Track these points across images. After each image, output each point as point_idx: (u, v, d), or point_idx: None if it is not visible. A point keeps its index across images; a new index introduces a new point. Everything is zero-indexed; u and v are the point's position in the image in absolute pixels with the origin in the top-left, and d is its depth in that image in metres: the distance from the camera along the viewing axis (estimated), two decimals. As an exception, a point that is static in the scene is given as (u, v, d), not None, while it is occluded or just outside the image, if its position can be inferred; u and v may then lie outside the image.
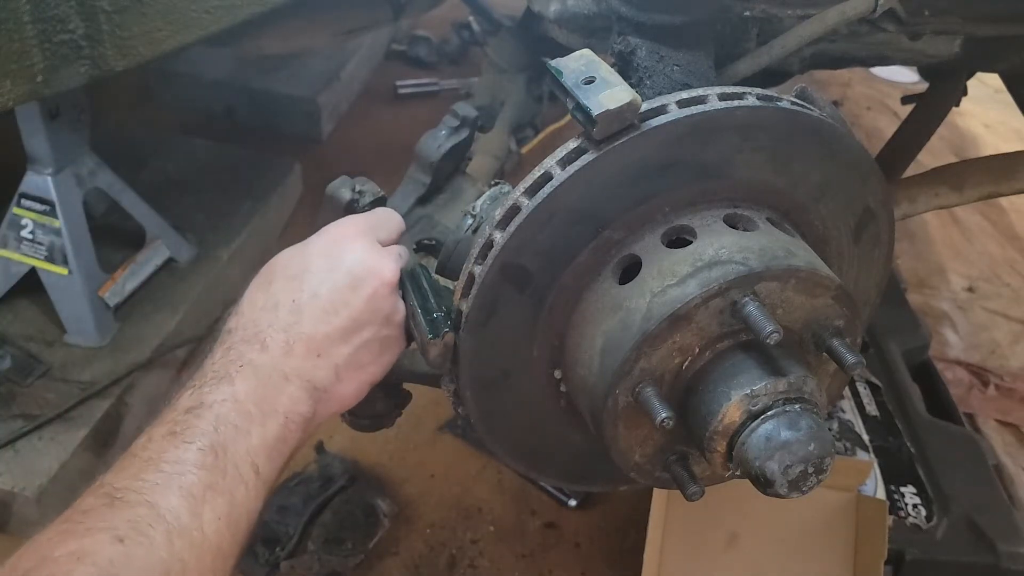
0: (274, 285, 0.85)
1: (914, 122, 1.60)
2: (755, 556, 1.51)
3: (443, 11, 2.07)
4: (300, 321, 0.82)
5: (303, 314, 0.83)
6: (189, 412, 0.75)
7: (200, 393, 0.77)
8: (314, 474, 1.76)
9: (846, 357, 0.79)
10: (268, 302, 0.84)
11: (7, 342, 1.87)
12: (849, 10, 1.00)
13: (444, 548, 1.69)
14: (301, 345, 0.82)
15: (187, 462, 0.71)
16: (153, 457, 0.72)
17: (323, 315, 0.83)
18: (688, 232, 0.83)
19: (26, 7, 1.04)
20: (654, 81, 1.05)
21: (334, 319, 0.83)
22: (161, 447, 0.72)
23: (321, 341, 0.82)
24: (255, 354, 0.80)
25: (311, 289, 0.84)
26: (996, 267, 2.66)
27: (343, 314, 0.83)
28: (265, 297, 0.84)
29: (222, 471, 0.73)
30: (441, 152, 1.08)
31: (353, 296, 0.84)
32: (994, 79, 1.65)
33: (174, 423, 0.74)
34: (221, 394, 0.77)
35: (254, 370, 0.79)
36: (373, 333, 0.85)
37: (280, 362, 0.80)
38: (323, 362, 0.83)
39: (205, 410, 0.75)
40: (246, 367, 0.79)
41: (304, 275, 0.85)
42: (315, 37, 1.85)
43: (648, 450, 0.84)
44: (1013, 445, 2.02)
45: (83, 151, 1.87)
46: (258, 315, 0.83)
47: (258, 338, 0.81)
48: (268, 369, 0.80)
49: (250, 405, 0.77)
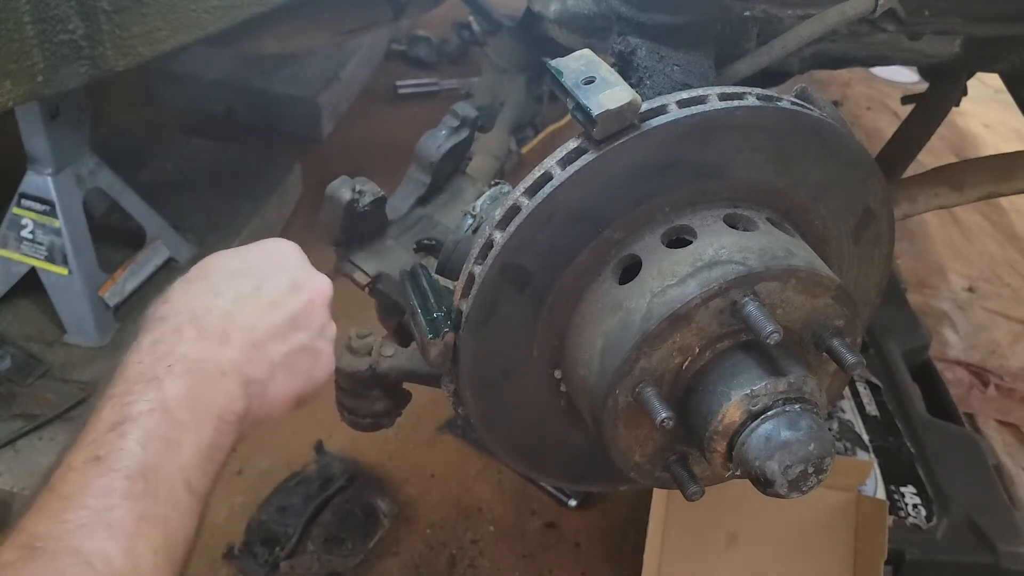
0: (213, 277, 0.81)
1: (914, 122, 1.60)
2: (755, 556, 1.51)
3: (443, 11, 2.07)
4: (241, 311, 0.79)
5: (245, 304, 0.79)
6: (113, 430, 0.67)
7: (124, 404, 0.69)
8: (314, 474, 1.76)
9: (846, 357, 0.79)
10: (207, 290, 0.80)
11: (7, 342, 1.87)
12: (849, 10, 1.00)
13: (444, 548, 1.69)
14: (240, 335, 0.77)
15: (114, 493, 0.64)
16: (74, 492, 0.64)
17: (264, 308, 0.80)
18: (688, 232, 0.83)
19: (26, 7, 1.04)
20: (654, 81, 1.05)
21: (274, 314, 0.80)
22: (83, 479, 0.65)
23: (260, 333, 0.79)
24: (188, 345, 0.74)
25: (253, 284, 0.81)
26: (996, 267, 2.66)
27: (283, 311, 0.81)
28: (204, 286, 0.80)
29: (154, 497, 0.66)
30: (441, 152, 1.08)
31: (293, 298, 0.82)
32: (994, 79, 1.65)
33: (96, 445, 0.67)
34: (148, 403, 0.69)
35: (186, 367, 0.73)
36: (308, 339, 0.82)
37: (216, 353, 0.75)
38: (260, 356, 0.78)
39: (130, 426, 0.68)
40: (177, 364, 0.72)
41: (246, 272, 0.82)
42: (315, 37, 1.85)
43: (648, 450, 0.84)
44: (1013, 445, 2.02)
45: (83, 151, 1.87)
46: (194, 301, 0.78)
47: (194, 324, 0.76)
48: (202, 363, 0.74)
49: (181, 412, 0.70)
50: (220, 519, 1.69)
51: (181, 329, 0.75)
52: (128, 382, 0.71)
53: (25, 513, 0.64)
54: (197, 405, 0.72)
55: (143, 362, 0.73)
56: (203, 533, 1.78)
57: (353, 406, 1.01)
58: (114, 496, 0.64)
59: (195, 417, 0.71)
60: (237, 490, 1.74)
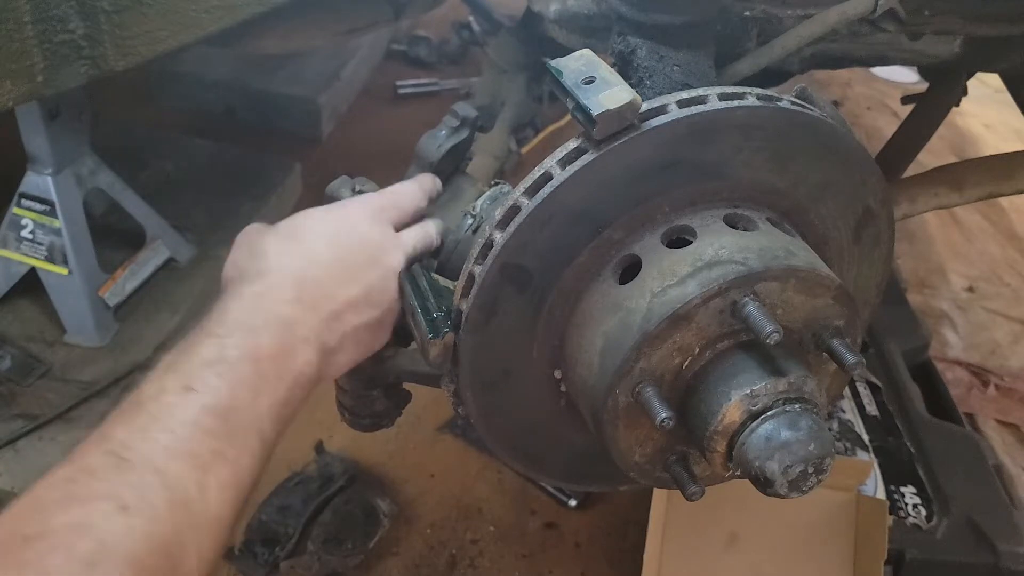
0: (307, 240, 0.86)
1: (914, 122, 1.60)
2: (755, 556, 1.51)
3: (443, 11, 2.07)
4: (328, 280, 0.84)
5: (331, 273, 0.84)
6: (208, 367, 0.73)
7: (223, 345, 0.75)
8: (314, 474, 1.76)
9: (846, 357, 0.79)
10: (301, 254, 0.85)
11: (7, 342, 1.87)
12: (849, 10, 1.00)
13: (444, 548, 1.69)
14: (325, 304, 0.82)
15: (198, 426, 0.69)
16: (164, 414, 0.69)
17: (346, 280, 0.85)
18: (688, 232, 0.83)
19: (26, 7, 1.04)
20: (654, 81, 1.05)
21: (353, 288, 0.85)
22: (174, 403, 0.70)
23: (340, 305, 0.84)
24: (284, 307, 0.80)
25: (336, 254, 0.86)
26: (996, 267, 2.66)
27: (361, 285, 0.86)
28: (299, 249, 0.85)
29: (231, 438, 0.71)
30: (441, 152, 1.08)
31: (370, 273, 0.87)
32: (994, 79, 1.64)
33: (190, 377, 0.72)
34: (244, 350, 0.75)
35: (280, 326, 0.78)
36: (378, 314, 0.87)
37: (304, 318, 0.80)
38: (336, 326, 0.83)
39: (225, 368, 0.73)
40: (272, 321, 0.78)
41: (334, 238, 0.87)
42: (315, 37, 1.85)
43: (648, 450, 0.84)
44: (1013, 445, 2.02)
45: (83, 151, 1.87)
46: (292, 263, 0.83)
47: (292, 287, 0.81)
48: (292, 326, 0.79)
49: (267, 365, 0.76)
50: (220, 519, 1.69)
51: (282, 288, 0.81)
52: (227, 326, 0.77)
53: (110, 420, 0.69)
54: (281, 363, 0.77)
55: (244, 311, 0.79)
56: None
57: (353, 406, 1.01)
58: (198, 429, 0.69)
59: (277, 373, 0.77)
60: (237, 490, 1.74)
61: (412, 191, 0.97)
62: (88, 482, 0.64)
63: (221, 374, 0.73)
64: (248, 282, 0.82)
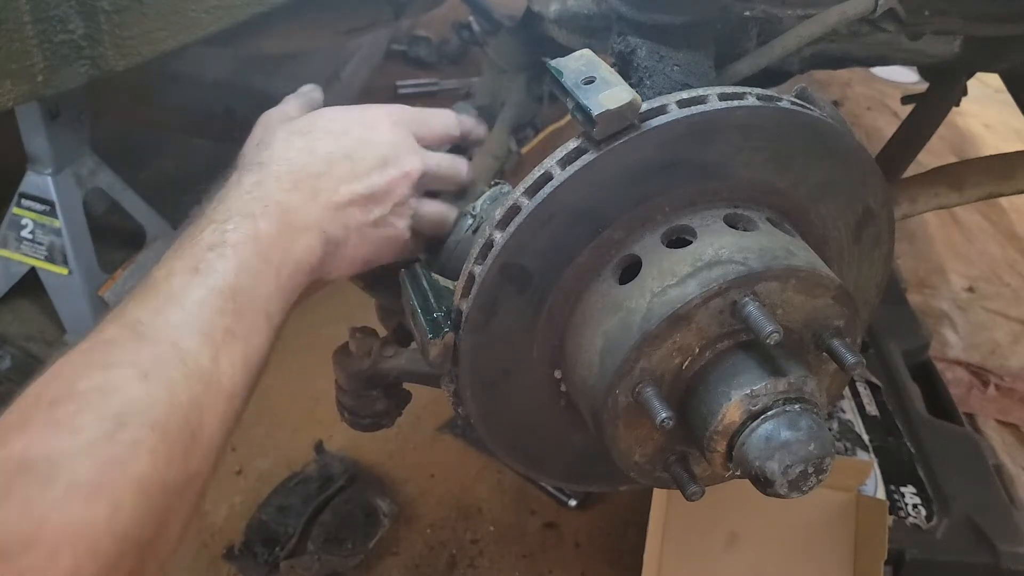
0: (313, 135, 0.88)
1: (914, 122, 1.60)
2: (755, 556, 1.51)
3: (443, 11, 2.07)
4: (330, 173, 0.85)
5: (333, 168, 0.86)
6: (212, 250, 0.75)
7: (224, 231, 0.77)
8: (314, 474, 1.76)
9: (846, 357, 0.79)
10: (305, 147, 0.86)
11: (7, 342, 1.87)
12: (849, 10, 1.00)
13: (444, 548, 1.69)
14: (326, 195, 0.84)
15: (208, 305, 0.72)
16: (176, 294, 0.72)
17: (350, 176, 0.86)
18: (688, 232, 0.83)
19: (26, 7, 1.04)
20: (654, 81, 1.05)
21: (357, 185, 0.87)
22: (183, 284, 0.73)
23: (342, 198, 0.86)
24: (283, 195, 0.82)
25: (345, 151, 0.87)
26: (996, 267, 2.66)
27: (365, 183, 0.87)
28: (304, 142, 0.87)
29: (239, 316, 0.74)
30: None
31: (378, 174, 0.88)
32: (994, 79, 1.64)
33: (196, 260, 0.75)
34: (244, 235, 0.77)
35: (279, 213, 0.80)
36: (385, 213, 0.89)
37: (304, 207, 0.82)
38: (339, 217, 0.85)
39: (228, 250, 0.76)
40: (272, 208, 0.80)
41: (343, 136, 0.88)
42: (315, 37, 1.85)
43: (648, 450, 0.84)
44: (1013, 445, 2.02)
45: (83, 151, 1.87)
46: (293, 154, 0.85)
47: (291, 176, 0.83)
48: (291, 213, 0.81)
49: (269, 250, 0.78)
50: (220, 519, 1.69)
51: (280, 178, 0.83)
52: (229, 212, 0.79)
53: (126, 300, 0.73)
54: (282, 248, 0.80)
55: (243, 198, 0.81)
56: (203, 533, 1.78)
57: (353, 406, 1.01)
58: (208, 307, 0.72)
59: (280, 258, 0.79)
60: (237, 490, 1.74)
61: (446, 114, 0.98)
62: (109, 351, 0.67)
63: (225, 256, 0.75)
64: (249, 171, 0.84)
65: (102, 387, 0.64)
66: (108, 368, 0.66)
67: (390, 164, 0.89)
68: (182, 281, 0.73)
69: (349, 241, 0.87)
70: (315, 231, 0.83)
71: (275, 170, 0.84)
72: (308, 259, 0.82)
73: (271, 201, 0.81)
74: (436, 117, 0.97)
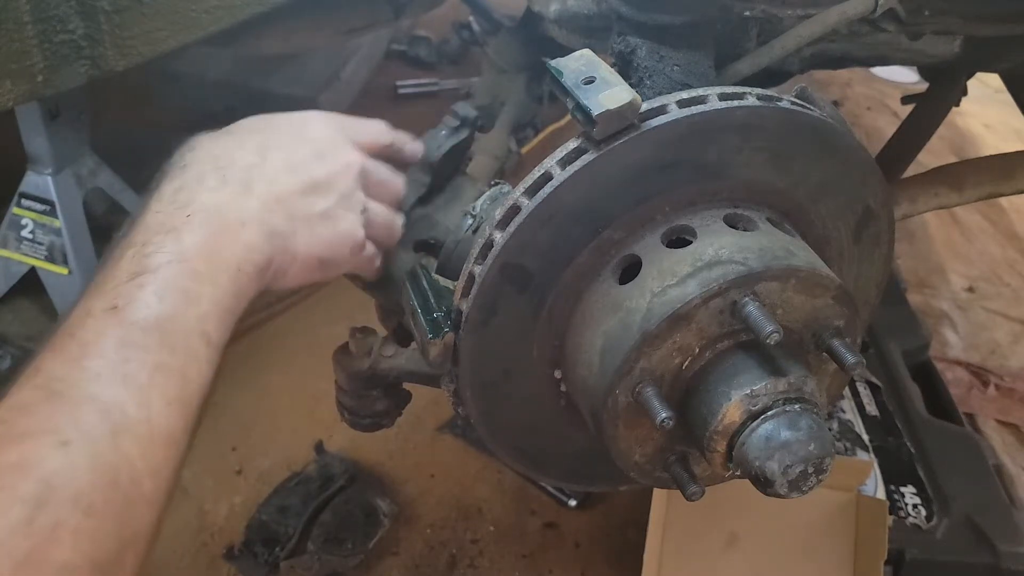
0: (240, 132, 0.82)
1: (914, 122, 1.60)
2: (755, 556, 1.51)
3: (443, 11, 2.07)
4: (264, 163, 0.78)
5: (267, 158, 0.79)
6: (131, 280, 0.68)
7: (143, 255, 0.69)
8: (314, 474, 1.76)
9: (846, 357, 0.79)
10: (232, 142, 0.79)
11: (7, 342, 1.87)
12: (849, 10, 1.00)
13: (444, 548, 1.69)
14: (262, 186, 0.77)
15: (131, 344, 0.65)
16: (92, 340, 0.65)
17: (286, 167, 0.80)
18: (688, 232, 0.83)
19: (26, 7, 1.04)
20: (654, 81, 1.05)
21: (295, 176, 0.80)
22: (101, 327, 0.66)
23: (282, 187, 0.78)
24: (209, 194, 0.74)
25: (275, 143, 0.81)
26: (996, 267, 2.66)
27: (303, 174, 0.80)
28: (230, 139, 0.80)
29: (171, 348, 0.67)
30: (441, 152, 1.08)
31: (315, 164, 0.82)
32: (994, 79, 1.65)
33: (115, 295, 0.67)
34: (167, 254, 0.69)
35: (206, 216, 0.72)
36: (329, 205, 0.82)
37: (237, 202, 0.75)
38: (281, 208, 0.78)
39: (149, 277, 0.68)
40: (197, 214, 0.72)
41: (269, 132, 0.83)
42: (315, 37, 1.85)
43: (648, 450, 0.84)
44: (1013, 445, 2.02)
45: (83, 151, 1.87)
46: (218, 150, 0.78)
47: (217, 173, 0.75)
48: (222, 212, 0.73)
49: (199, 262, 0.70)
50: (220, 519, 1.69)
51: (204, 177, 0.75)
52: (148, 231, 0.71)
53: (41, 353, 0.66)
54: (216, 255, 0.72)
55: (162, 211, 0.73)
56: (203, 533, 1.78)
57: (353, 406, 1.01)
58: (130, 348, 0.65)
59: (213, 268, 0.71)
60: (237, 490, 1.74)
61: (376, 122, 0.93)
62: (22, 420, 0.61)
63: (144, 285, 0.68)
64: (168, 178, 0.76)
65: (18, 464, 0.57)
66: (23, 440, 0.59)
67: (328, 156, 0.83)
68: (100, 323, 0.66)
69: (297, 235, 0.79)
70: (254, 226, 0.75)
71: (198, 170, 0.76)
72: (251, 258, 0.74)
73: (196, 206, 0.73)
74: (367, 123, 0.91)
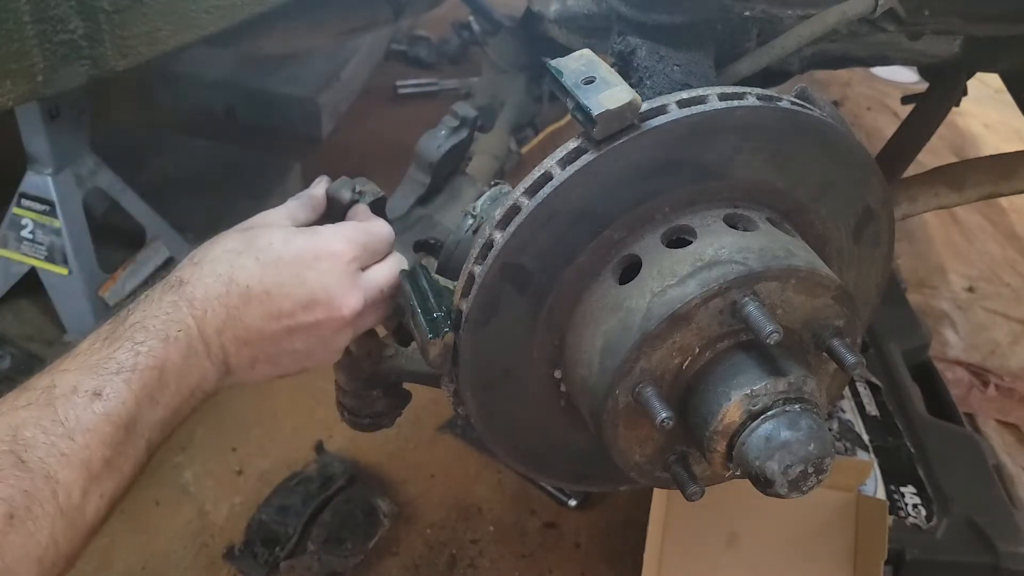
0: (242, 258, 0.84)
1: (914, 122, 1.60)
2: (755, 556, 1.51)
3: (443, 11, 2.07)
4: (243, 310, 0.83)
5: (250, 305, 0.83)
6: (119, 374, 0.75)
7: (136, 352, 0.76)
8: (314, 474, 1.76)
9: (846, 357, 0.79)
10: (226, 274, 0.83)
11: (7, 342, 1.87)
12: (849, 10, 1.00)
13: (444, 548, 1.69)
14: (233, 332, 0.82)
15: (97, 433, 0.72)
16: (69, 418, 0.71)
17: (267, 315, 0.83)
18: (688, 232, 0.83)
19: (26, 7, 1.04)
20: (654, 81, 1.05)
21: (274, 324, 0.84)
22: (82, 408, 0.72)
23: (254, 334, 0.83)
24: (193, 320, 0.81)
25: (268, 285, 0.83)
26: (996, 267, 2.66)
27: (284, 323, 0.84)
28: (228, 268, 0.83)
29: (123, 448, 0.74)
30: (441, 152, 1.08)
31: (302, 314, 0.84)
32: (994, 79, 1.64)
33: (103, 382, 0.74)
34: (154, 360, 0.77)
35: (188, 339, 0.80)
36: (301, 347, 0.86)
37: (209, 336, 0.81)
38: (247, 352, 0.84)
39: (136, 376, 0.75)
40: (183, 333, 0.79)
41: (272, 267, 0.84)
42: (315, 37, 1.85)
43: (648, 450, 0.84)
44: (1013, 445, 2.02)
45: (83, 151, 1.87)
46: (211, 281, 0.83)
47: (203, 306, 0.81)
48: (197, 341, 0.80)
49: (171, 377, 0.78)
50: (220, 519, 1.69)
51: (194, 302, 0.81)
52: (146, 332, 0.78)
53: (23, 400, 0.72)
54: (182, 376, 0.79)
55: (160, 318, 0.80)
56: (203, 533, 1.79)
57: (353, 406, 1.01)
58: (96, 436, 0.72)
59: (178, 386, 0.79)
60: (237, 490, 1.74)
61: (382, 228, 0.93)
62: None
63: (131, 382, 0.75)
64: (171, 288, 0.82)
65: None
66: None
67: (319, 304, 0.84)
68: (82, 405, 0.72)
69: (255, 369, 0.86)
70: (216, 362, 0.82)
71: (190, 292, 0.82)
72: (203, 387, 0.82)
73: (183, 325, 0.80)
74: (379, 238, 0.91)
